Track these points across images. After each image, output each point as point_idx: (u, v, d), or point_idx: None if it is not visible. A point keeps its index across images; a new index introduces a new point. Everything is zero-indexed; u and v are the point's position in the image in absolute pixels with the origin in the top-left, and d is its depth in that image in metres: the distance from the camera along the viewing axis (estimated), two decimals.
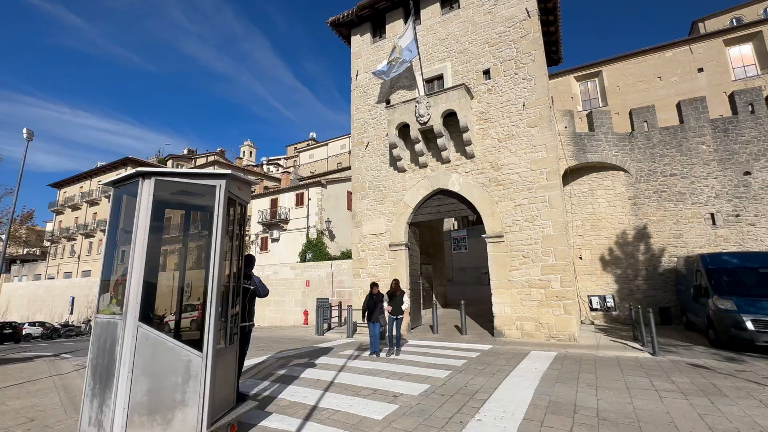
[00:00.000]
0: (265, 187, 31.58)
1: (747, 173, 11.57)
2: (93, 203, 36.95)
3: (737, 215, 11.54)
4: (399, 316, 8.28)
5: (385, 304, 8.22)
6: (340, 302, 15.09)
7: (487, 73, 11.39)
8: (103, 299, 3.78)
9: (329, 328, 13.31)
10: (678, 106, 12.94)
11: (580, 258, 13.09)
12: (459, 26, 12.08)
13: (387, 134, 12.28)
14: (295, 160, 57.56)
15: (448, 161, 11.48)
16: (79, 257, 36.54)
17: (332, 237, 24.32)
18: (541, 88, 10.50)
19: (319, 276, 17.60)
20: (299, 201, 25.32)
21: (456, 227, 28.88)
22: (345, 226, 23.96)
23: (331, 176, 31.81)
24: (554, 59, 15.87)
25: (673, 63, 19.63)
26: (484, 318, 11.75)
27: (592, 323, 12.44)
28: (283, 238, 25.48)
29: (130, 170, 3.59)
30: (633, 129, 13.17)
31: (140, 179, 3.38)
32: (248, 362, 7.36)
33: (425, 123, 11.17)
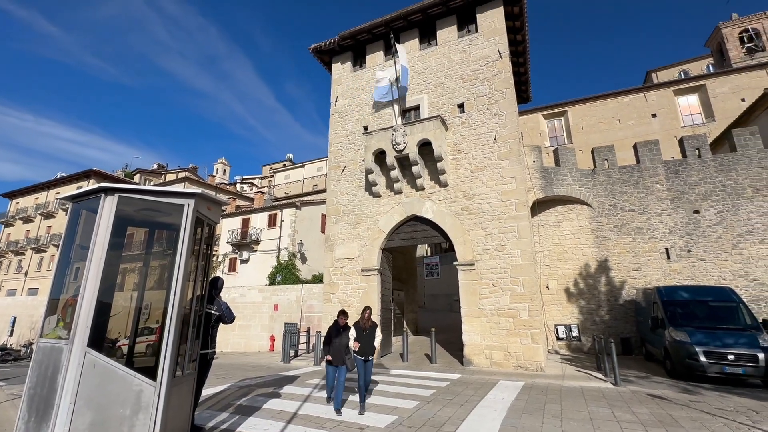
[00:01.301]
0: (237, 207, 30.86)
1: (696, 212, 12.48)
2: (48, 216, 34.68)
3: (689, 250, 12.33)
4: (370, 358, 6.06)
5: (351, 340, 5.96)
6: (309, 328, 14.64)
7: (461, 106, 11.91)
8: (48, 321, 3.50)
9: (296, 355, 12.82)
10: (635, 147, 13.94)
11: (547, 287, 13.45)
12: (436, 61, 12.68)
13: (363, 159, 12.45)
14: (270, 181, 56.92)
15: (423, 189, 11.72)
16: (26, 273, 33.81)
17: (304, 260, 23.86)
18: (511, 124, 11.07)
19: (288, 300, 17.09)
20: (272, 222, 24.85)
21: (429, 253, 29.12)
22: (318, 249, 23.63)
23: (306, 198, 31.58)
24: (524, 97, 16.85)
25: (630, 108, 21.31)
26: (454, 346, 11.71)
27: (558, 353, 12.65)
28: (253, 260, 24.74)
29: (92, 184, 3.44)
30: (595, 166, 14.02)
31: (102, 195, 3.24)
32: (207, 391, 6.92)
33: (401, 151, 11.44)
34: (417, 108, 12.75)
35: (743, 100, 18.75)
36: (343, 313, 6.26)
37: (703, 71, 29.60)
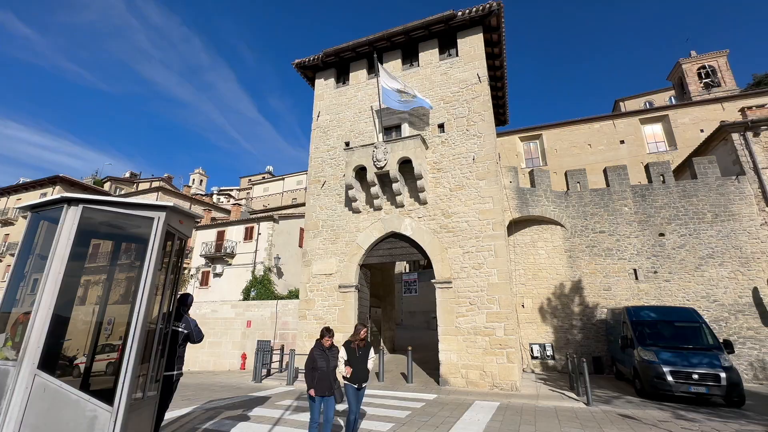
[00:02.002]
0: (213, 219, 30.05)
1: (661, 234, 13.07)
2: (7, 223, 32.64)
3: (655, 272, 12.84)
4: (363, 385, 5.17)
5: (341, 365, 5.01)
6: (283, 345, 14.20)
7: (441, 126, 12.18)
8: None
9: (268, 374, 12.36)
10: (605, 171, 14.58)
11: (523, 306, 13.63)
12: (418, 82, 12.98)
13: (344, 175, 12.45)
14: (248, 193, 55.99)
15: (402, 206, 11.79)
16: None
17: (280, 274, 23.34)
18: (489, 145, 11.38)
19: (262, 316, 16.57)
20: (248, 235, 24.29)
21: (407, 270, 29.10)
22: (295, 263, 23.20)
23: (284, 211, 31.15)
24: (502, 120, 17.43)
25: (600, 134, 22.38)
26: (431, 365, 11.60)
27: (533, 371, 12.75)
28: (227, 274, 23.98)
29: (58, 191, 3.26)
30: (568, 188, 14.54)
31: (65, 206, 3.07)
32: (170, 414, 6.53)
33: (382, 168, 11.52)
34: (398, 126, 12.94)
35: (702, 130, 20.05)
36: (328, 332, 5.14)
37: (666, 102, 31.60)
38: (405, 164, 11.49)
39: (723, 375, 8.05)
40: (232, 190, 63.20)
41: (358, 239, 12.10)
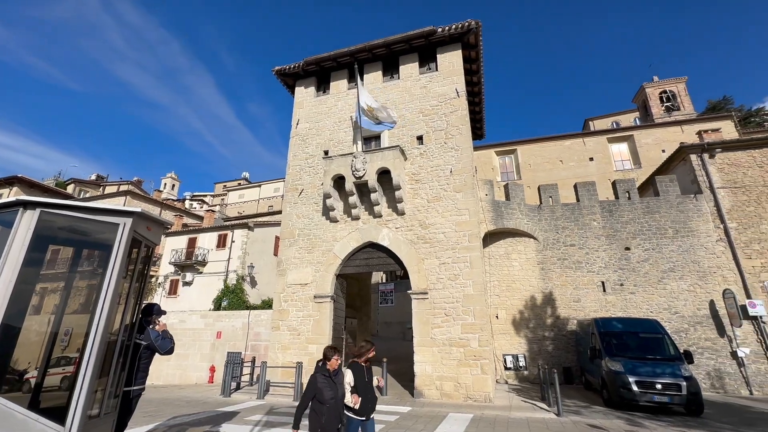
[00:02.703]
0: (185, 225, 29.05)
1: (627, 249, 13.66)
2: None
3: (621, 284, 13.36)
4: (372, 416, 4.16)
5: (348, 392, 3.98)
6: (254, 357, 13.75)
7: (420, 138, 12.35)
8: None
9: (238, 388, 11.91)
10: (575, 186, 15.17)
11: (497, 317, 13.83)
12: (398, 94, 13.16)
13: (322, 184, 12.37)
14: (222, 199, 54.63)
15: (380, 216, 11.80)
16: None
17: (254, 284, 22.72)
18: (466, 158, 11.62)
19: (233, 327, 16.03)
20: (221, 242, 23.59)
21: (384, 280, 29.01)
22: (270, 272, 22.66)
23: (260, 219, 30.51)
24: (479, 134, 17.87)
25: (571, 151, 23.34)
26: (406, 377, 11.52)
27: (506, 382, 12.89)
28: (197, 282, 23.12)
29: (15, 193, 3.05)
30: (541, 202, 15.00)
31: (20, 209, 2.88)
32: None
33: (360, 177, 11.52)
34: (378, 137, 13.03)
35: (664, 151, 21.27)
36: (334, 351, 4.01)
37: (632, 123, 33.39)
38: (383, 174, 11.54)
39: (684, 384, 8.41)
40: (205, 195, 61.44)
41: (335, 249, 11.98)
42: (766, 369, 11.54)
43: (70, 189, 42.75)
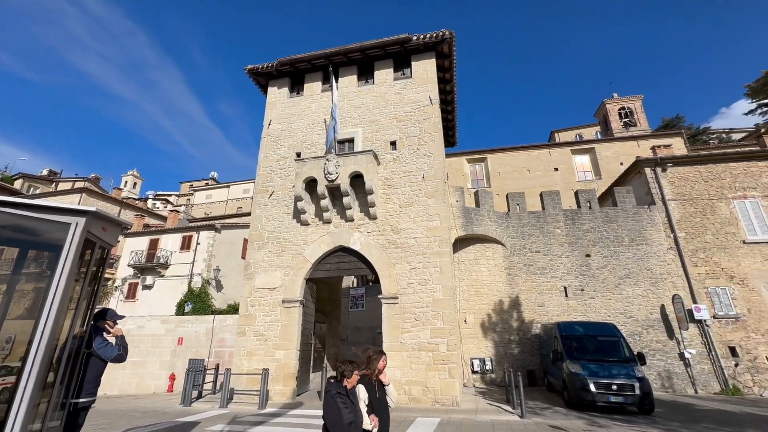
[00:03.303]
0: (146, 225, 27.66)
1: (588, 256, 14.34)
2: None
3: (582, 289, 13.99)
4: None
5: (365, 412, 3.39)
6: (218, 364, 13.24)
7: (393, 144, 12.45)
8: None
9: (199, 397, 11.42)
10: (541, 195, 15.78)
11: (465, 321, 14.08)
12: (372, 99, 13.22)
13: (294, 186, 12.17)
14: (188, 199, 52.56)
15: (352, 220, 11.75)
16: None
17: (220, 288, 21.94)
18: (438, 165, 11.82)
19: (196, 332, 15.39)
20: (186, 244, 22.62)
21: (355, 284, 28.83)
22: (237, 276, 21.96)
23: (228, 221, 29.58)
24: (451, 142, 18.25)
25: (538, 161, 24.28)
26: None
27: (474, 385, 13.12)
28: (158, 286, 22.02)
29: None
30: (509, 209, 15.49)
31: None
32: None
33: (333, 181, 11.44)
34: (351, 140, 13.00)
35: (622, 163, 22.56)
36: (352, 366, 3.45)
37: (593, 137, 35.20)
38: (356, 178, 11.52)
39: (637, 385, 8.88)
40: (170, 195, 58.86)
41: (306, 252, 11.80)
42: (709, 369, 12.41)
43: (17, 184, 39.66)
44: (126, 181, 56.48)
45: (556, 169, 23.95)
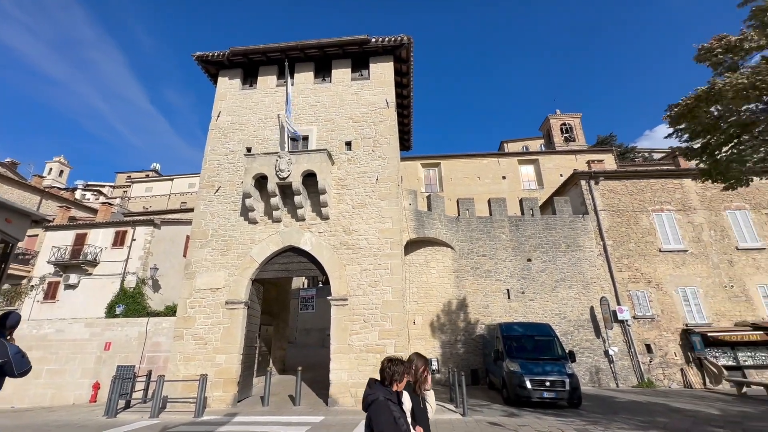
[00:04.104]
0: (72, 218, 24.98)
1: (529, 260, 15.24)
2: None
3: (523, 292, 14.83)
4: None
5: (410, 419, 2.91)
6: (150, 371, 12.25)
7: (348, 144, 12.36)
8: None
9: (127, 407, 10.47)
10: (489, 201, 16.53)
11: (414, 323, 14.32)
12: (329, 98, 13.04)
13: (242, 182, 11.64)
14: (125, 191, 48.44)
15: (303, 219, 11.48)
16: None
17: (157, 288, 20.37)
18: (392, 168, 11.92)
19: (127, 336, 14.14)
20: (119, 240, 20.74)
21: (306, 285, 28.24)
22: (177, 275, 20.53)
23: (169, 216, 27.62)
24: (406, 146, 18.51)
25: (488, 168, 25.43)
26: (321, 385, 11.27)
27: None
28: (85, 285, 19.94)
29: None
30: (459, 214, 16.03)
31: None
32: None
33: (285, 178, 11.11)
34: (306, 138, 12.72)
35: (561, 175, 24.31)
36: (401, 366, 2.87)
37: (538, 149, 37.61)
38: (309, 177, 11.28)
39: (567, 381, 9.56)
40: (104, 186, 53.87)
41: (253, 252, 11.33)
42: (629, 365, 13.70)
43: None
44: (50, 168, 50.77)
45: (504, 178, 25.24)
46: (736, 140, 6.82)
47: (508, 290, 14.87)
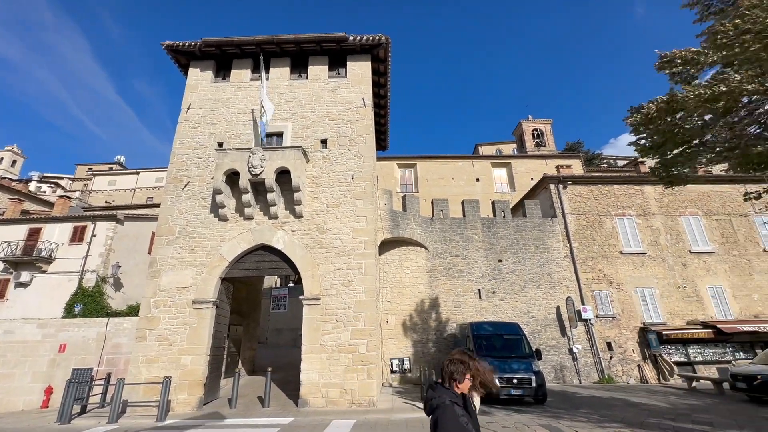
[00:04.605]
0: (25, 211, 23.38)
1: (500, 261, 15.63)
2: None
3: (494, 292, 15.20)
4: None
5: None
6: (109, 374, 11.65)
7: (324, 142, 12.23)
8: None
9: (83, 412, 9.92)
10: (462, 203, 16.82)
11: (387, 322, 14.36)
12: (305, 94, 12.85)
13: (213, 178, 11.28)
14: (86, 184, 45.87)
15: (276, 217, 11.26)
16: None
17: (119, 286, 19.41)
18: (368, 167, 11.90)
19: (84, 338, 13.39)
20: (78, 236, 19.59)
21: (278, 285, 27.75)
22: (141, 274, 19.61)
23: (134, 211, 26.39)
24: (383, 146, 18.54)
25: (462, 171, 25.88)
26: (292, 385, 11.10)
27: (391, 385, 13.41)
28: (39, 284, 18.71)
29: None
30: (433, 215, 16.22)
31: None
32: None
33: (257, 175, 10.86)
34: (280, 134, 12.49)
35: (532, 179, 25.11)
36: (461, 366, 2.53)
37: (511, 153, 38.66)
38: (283, 174, 11.08)
39: (533, 378, 9.88)
40: (62, 178, 50.79)
41: (223, 250, 11.00)
42: (591, 362, 14.32)
43: None
44: (2, 158, 47.35)
45: (478, 180, 25.78)
46: (686, 145, 7.32)
47: (479, 290, 15.18)
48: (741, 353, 14.27)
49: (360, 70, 13.10)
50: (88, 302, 17.59)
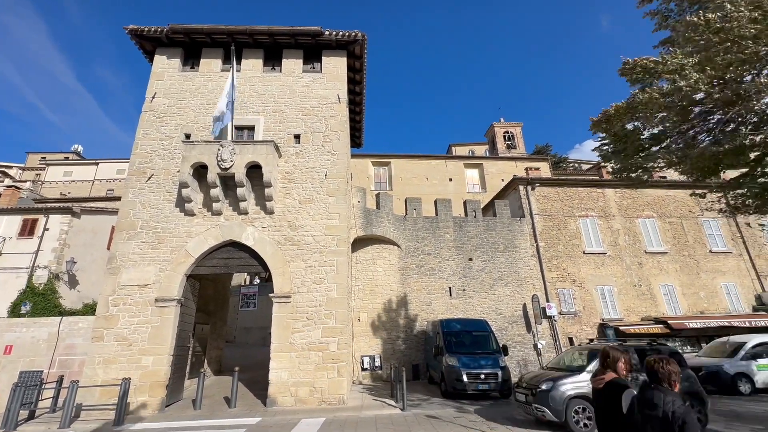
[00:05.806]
0: None
1: (470, 259, 15.97)
2: None
3: (464, 289, 15.52)
4: None
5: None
6: (62, 377, 10.94)
7: (297, 137, 12.02)
8: None
9: (31, 417, 9.27)
10: (435, 202, 17.04)
11: (359, 320, 14.34)
12: (278, 88, 12.56)
13: (179, 171, 10.81)
14: (38, 174, 42.83)
15: (246, 213, 10.96)
16: None
17: (74, 284, 18.27)
18: (342, 164, 11.81)
19: (33, 339, 12.50)
20: (29, 229, 18.26)
21: (247, 282, 27.09)
22: (100, 270, 18.56)
23: (92, 204, 24.89)
24: (357, 143, 18.44)
25: (435, 170, 26.21)
26: (260, 385, 10.87)
27: (361, 383, 13.43)
28: None
29: None
30: (407, 213, 16.34)
31: None
32: None
33: (227, 169, 10.51)
34: (252, 128, 12.15)
35: (503, 180, 25.81)
36: (672, 364, 2.55)
37: (483, 154, 39.55)
38: (254, 169, 10.79)
39: (500, 373, 10.20)
40: (10, 167, 47.07)
41: (188, 246, 10.58)
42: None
43: None
44: None
45: (451, 180, 26.20)
46: (646, 149, 7.81)
47: (450, 288, 15.46)
48: (689, 347, 15.34)
49: (335, 65, 12.95)
50: (38, 300, 16.46)
